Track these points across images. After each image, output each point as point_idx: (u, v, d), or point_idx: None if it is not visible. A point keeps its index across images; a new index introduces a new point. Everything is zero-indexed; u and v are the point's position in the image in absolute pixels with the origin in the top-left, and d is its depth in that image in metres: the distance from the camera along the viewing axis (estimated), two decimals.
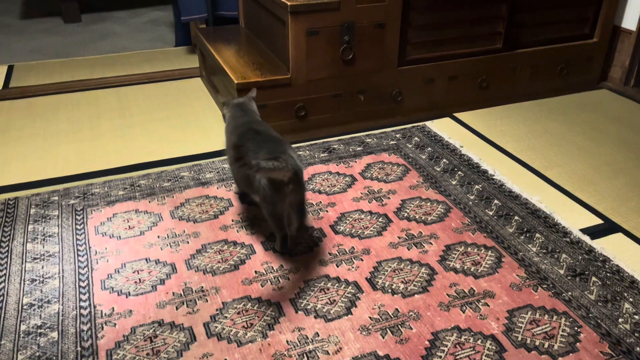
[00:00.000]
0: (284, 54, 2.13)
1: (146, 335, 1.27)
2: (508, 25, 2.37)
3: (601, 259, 1.50)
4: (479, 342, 1.25)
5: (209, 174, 1.92)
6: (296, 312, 1.33)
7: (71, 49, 3.33)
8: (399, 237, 1.60)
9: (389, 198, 1.79)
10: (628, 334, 1.27)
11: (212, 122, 2.34)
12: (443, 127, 2.29)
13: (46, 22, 3.88)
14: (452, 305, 1.35)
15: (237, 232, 1.62)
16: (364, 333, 1.27)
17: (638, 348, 1.24)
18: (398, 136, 2.20)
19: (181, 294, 1.38)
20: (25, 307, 1.34)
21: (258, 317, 1.31)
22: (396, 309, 1.34)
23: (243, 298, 1.37)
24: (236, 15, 2.96)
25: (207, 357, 1.21)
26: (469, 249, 1.55)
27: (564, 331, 1.28)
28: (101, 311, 1.33)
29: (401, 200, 1.78)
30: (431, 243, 1.57)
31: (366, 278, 1.44)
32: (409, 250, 1.55)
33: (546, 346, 1.24)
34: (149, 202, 1.76)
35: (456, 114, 2.42)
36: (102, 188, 1.83)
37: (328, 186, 1.85)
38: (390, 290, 1.40)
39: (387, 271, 1.46)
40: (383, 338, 1.26)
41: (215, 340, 1.25)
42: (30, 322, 1.30)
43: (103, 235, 1.61)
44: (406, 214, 1.70)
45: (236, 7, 2.92)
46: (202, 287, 1.41)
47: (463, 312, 1.33)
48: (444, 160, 2.01)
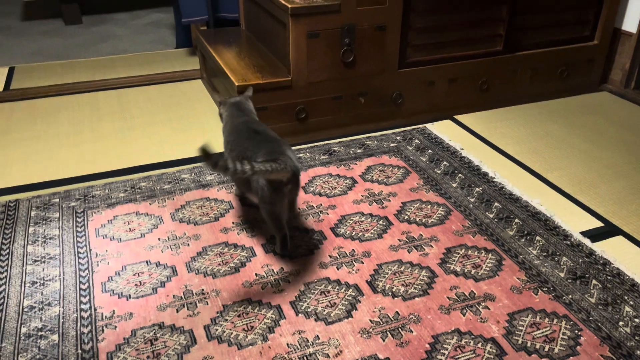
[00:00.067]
0: (285, 56, 2.14)
1: (147, 338, 1.27)
2: (508, 27, 2.37)
3: (601, 262, 1.50)
4: (480, 345, 1.25)
5: (210, 177, 1.92)
6: (296, 315, 1.33)
7: (72, 51, 3.34)
8: (400, 240, 1.60)
9: (390, 200, 1.79)
10: (628, 337, 1.27)
11: (213, 124, 2.34)
12: (443, 130, 2.29)
13: (47, 24, 3.89)
14: (453, 308, 1.35)
15: (238, 235, 1.62)
16: (365, 336, 1.27)
17: (638, 351, 1.23)
18: (398, 138, 2.20)
19: (182, 297, 1.39)
20: (25, 310, 1.34)
21: (258, 320, 1.31)
22: (396, 312, 1.34)
23: (243, 301, 1.37)
24: (237, 17, 2.97)
25: None
26: (470, 252, 1.55)
27: (565, 334, 1.28)
28: (102, 314, 1.33)
29: (401, 202, 1.78)
30: (431, 246, 1.58)
31: (366, 281, 1.44)
32: (410, 253, 1.55)
33: (546, 349, 1.24)
34: (150, 205, 1.76)
35: (457, 117, 2.42)
36: (103, 190, 1.83)
37: (328, 188, 1.85)
38: (390, 293, 1.40)
39: (388, 274, 1.46)
40: (383, 341, 1.26)
41: (215, 343, 1.25)
42: (30, 325, 1.30)
43: (104, 237, 1.61)
44: (406, 217, 1.70)
45: (237, 9, 2.92)
46: (203, 290, 1.41)
47: (463, 315, 1.33)
48: (445, 162, 2.01)
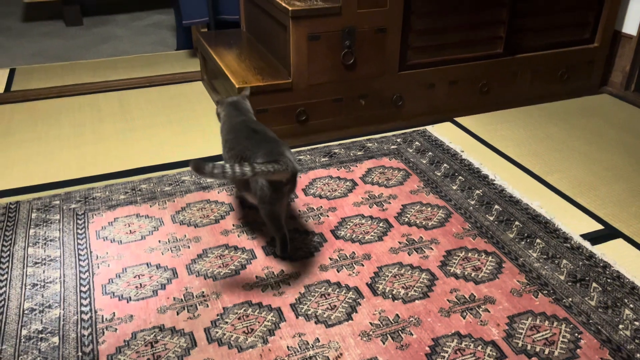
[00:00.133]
0: (285, 59, 2.14)
1: (147, 340, 1.27)
2: (509, 30, 2.37)
3: (602, 265, 1.50)
4: (480, 348, 1.25)
5: (210, 179, 1.92)
6: (297, 318, 1.33)
7: (73, 53, 3.34)
8: (400, 243, 1.60)
9: (390, 203, 1.79)
10: (629, 341, 1.27)
11: (214, 126, 2.34)
12: (444, 132, 2.29)
13: (48, 26, 3.89)
14: (453, 311, 1.35)
15: (238, 237, 1.62)
16: (365, 339, 1.27)
17: (638, 355, 1.24)
18: (399, 141, 2.20)
19: (182, 299, 1.39)
20: (26, 312, 1.35)
21: (259, 323, 1.32)
22: (397, 315, 1.34)
23: (244, 303, 1.37)
24: (237, 19, 2.97)
25: None
26: (470, 255, 1.55)
27: (565, 337, 1.28)
28: (102, 316, 1.33)
29: (402, 205, 1.78)
30: (432, 248, 1.58)
31: (367, 283, 1.44)
32: (410, 255, 1.55)
33: (546, 352, 1.24)
34: (150, 207, 1.76)
35: (457, 119, 2.42)
36: (104, 192, 1.83)
37: (329, 191, 1.85)
38: (390, 295, 1.40)
39: (388, 276, 1.46)
40: (384, 344, 1.26)
41: (215, 345, 1.25)
42: (31, 327, 1.30)
43: (104, 239, 1.61)
44: (407, 219, 1.71)
45: (238, 11, 2.92)
46: (203, 292, 1.41)
47: (464, 318, 1.33)
48: (445, 165, 2.02)
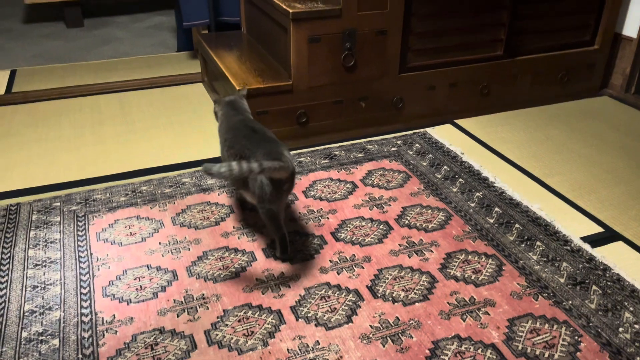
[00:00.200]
0: (286, 61, 2.14)
1: (147, 342, 1.27)
2: (509, 32, 2.38)
3: (602, 268, 1.50)
4: (480, 351, 1.25)
5: (211, 181, 1.92)
6: (297, 320, 1.33)
7: (73, 54, 3.34)
8: (400, 245, 1.60)
9: (390, 205, 1.79)
10: (628, 344, 1.27)
11: (214, 128, 2.33)
12: (444, 134, 2.30)
13: (49, 27, 3.90)
14: (453, 313, 1.35)
15: (238, 239, 1.62)
16: (365, 341, 1.27)
17: (638, 358, 1.24)
18: (399, 143, 2.20)
19: (182, 302, 1.39)
20: (26, 314, 1.35)
21: (259, 325, 1.32)
22: (397, 317, 1.34)
23: (244, 306, 1.38)
24: (238, 21, 2.97)
25: None
26: (470, 257, 1.55)
27: (565, 340, 1.28)
28: (102, 318, 1.34)
29: (402, 207, 1.78)
30: (432, 251, 1.58)
31: (367, 286, 1.44)
32: (410, 258, 1.55)
33: (546, 355, 1.24)
34: (151, 209, 1.76)
35: (457, 121, 2.42)
36: (104, 194, 1.83)
37: (329, 193, 1.85)
38: (390, 298, 1.40)
39: (388, 279, 1.47)
40: (384, 347, 1.26)
41: (215, 348, 1.25)
42: (31, 329, 1.30)
43: (104, 241, 1.61)
44: (407, 222, 1.71)
45: (238, 13, 2.93)
46: (203, 295, 1.41)
47: (463, 321, 1.33)
48: (445, 167, 2.02)
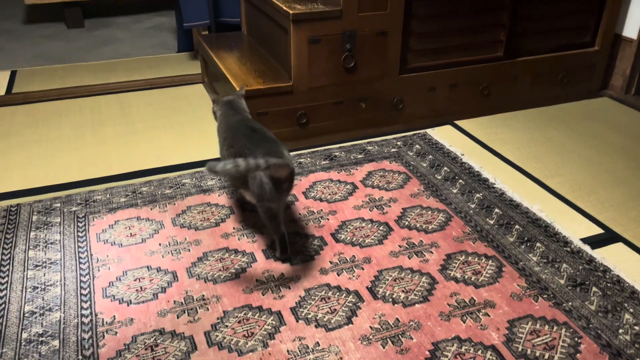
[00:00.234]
0: (286, 62, 2.14)
1: (147, 344, 1.27)
2: (509, 33, 2.38)
3: (602, 269, 1.50)
4: (480, 353, 1.25)
5: (211, 181, 1.92)
6: (297, 321, 1.33)
7: (74, 55, 3.35)
8: (400, 246, 1.60)
9: (390, 206, 1.79)
10: (628, 345, 1.27)
11: (214, 129, 2.34)
12: (444, 135, 2.30)
13: (49, 28, 3.90)
14: (453, 315, 1.35)
15: (239, 240, 1.62)
16: (365, 343, 1.27)
17: (638, 359, 1.24)
18: (399, 144, 2.20)
19: (182, 303, 1.39)
20: (26, 315, 1.35)
21: (259, 326, 1.32)
22: (397, 319, 1.34)
23: (244, 307, 1.38)
24: (238, 22, 2.98)
25: None
26: (470, 258, 1.55)
27: (564, 342, 1.28)
28: (102, 319, 1.34)
29: (402, 208, 1.78)
30: (432, 252, 1.58)
31: (367, 287, 1.44)
32: (410, 259, 1.55)
33: (546, 357, 1.24)
34: (151, 210, 1.76)
35: (457, 122, 2.42)
36: (104, 195, 1.84)
37: (329, 194, 1.86)
38: (390, 299, 1.40)
39: (388, 280, 1.47)
40: (384, 348, 1.26)
41: (216, 349, 1.25)
42: (31, 330, 1.30)
43: (105, 242, 1.61)
44: (407, 223, 1.71)
45: (238, 14, 2.93)
46: (203, 296, 1.41)
47: (464, 322, 1.33)
48: (445, 168, 2.02)
